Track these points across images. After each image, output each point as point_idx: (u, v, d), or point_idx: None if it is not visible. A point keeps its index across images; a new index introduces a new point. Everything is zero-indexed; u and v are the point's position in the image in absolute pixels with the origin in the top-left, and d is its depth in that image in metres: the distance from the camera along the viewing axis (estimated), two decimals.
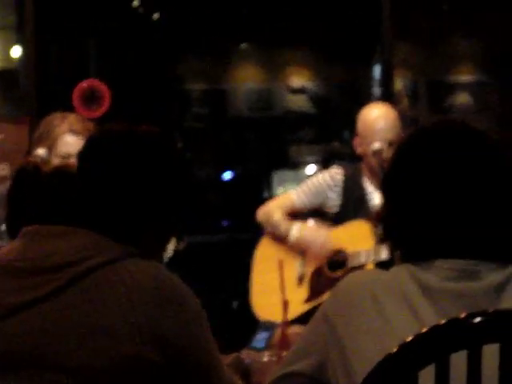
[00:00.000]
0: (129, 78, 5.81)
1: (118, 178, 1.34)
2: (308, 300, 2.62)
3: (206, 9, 6.29)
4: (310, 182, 2.76)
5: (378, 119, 2.60)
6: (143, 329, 1.20)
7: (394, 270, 1.20)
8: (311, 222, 2.81)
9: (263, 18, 6.50)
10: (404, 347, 0.99)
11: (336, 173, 2.73)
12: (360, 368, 1.08)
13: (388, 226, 1.25)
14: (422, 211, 1.18)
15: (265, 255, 2.77)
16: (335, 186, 2.71)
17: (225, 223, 5.85)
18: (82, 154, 1.39)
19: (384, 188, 1.26)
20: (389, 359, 0.99)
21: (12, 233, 1.41)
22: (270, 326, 1.83)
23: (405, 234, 1.21)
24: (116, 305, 1.21)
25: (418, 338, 0.99)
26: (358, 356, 1.10)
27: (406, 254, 1.22)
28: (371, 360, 1.02)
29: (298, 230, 2.69)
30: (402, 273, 1.16)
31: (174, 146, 1.44)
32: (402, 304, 1.12)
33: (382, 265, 2.45)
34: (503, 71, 6.80)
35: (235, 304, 4.22)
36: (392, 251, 2.27)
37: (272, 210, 2.75)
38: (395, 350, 0.99)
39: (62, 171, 1.52)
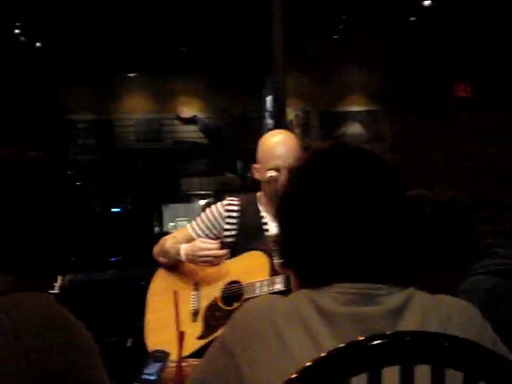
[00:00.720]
0: (11, 107, 5.61)
1: (5, 205, 1.26)
2: (202, 336, 2.54)
3: (92, 37, 6.19)
4: (203, 215, 2.73)
5: (276, 145, 2.58)
6: (31, 363, 1.13)
7: (293, 295, 1.18)
8: None
9: (152, 46, 6.46)
10: (302, 372, 0.97)
11: (230, 203, 2.70)
12: None
13: (285, 251, 1.22)
14: (319, 233, 1.16)
15: (159, 290, 2.69)
16: (229, 216, 2.68)
17: (113, 259, 5.70)
18: None
19: (279, 212, 1.24)
20: None
21: None
22: (160, 357, 1.76)
23: (302, 258, 1.19)
24: (2, 340, 1.13)
25: (317, 362, 0.97)
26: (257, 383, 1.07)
27: (304, 280, 1.19)
28: None
29: (185, 246, 2.65)
30: (300, 298, 1.14)
31: (64, 173, 1.38)
32: (301, 329, 1.10)
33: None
34: (394, 101, 7.07)
35: (130, 341, 4.10)
36: (287, 281, 2.26)
37: (165, 241, 2.72)
38: (294, 375, 0.96)
39: None
